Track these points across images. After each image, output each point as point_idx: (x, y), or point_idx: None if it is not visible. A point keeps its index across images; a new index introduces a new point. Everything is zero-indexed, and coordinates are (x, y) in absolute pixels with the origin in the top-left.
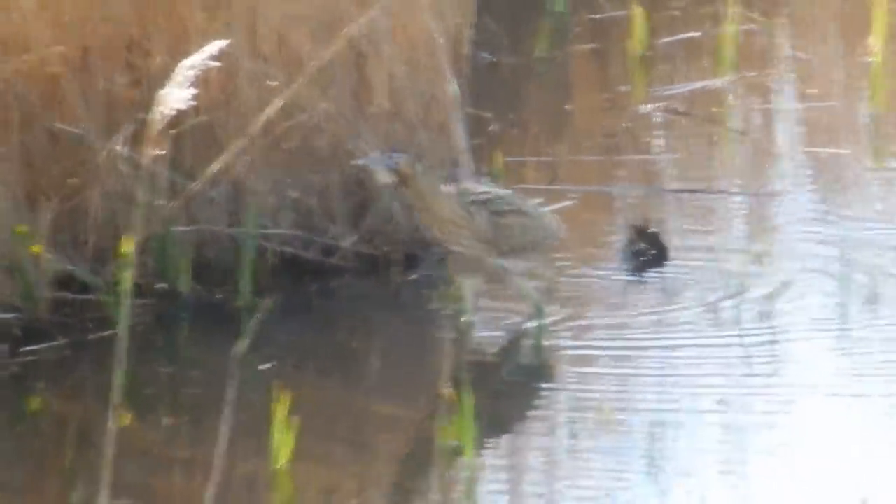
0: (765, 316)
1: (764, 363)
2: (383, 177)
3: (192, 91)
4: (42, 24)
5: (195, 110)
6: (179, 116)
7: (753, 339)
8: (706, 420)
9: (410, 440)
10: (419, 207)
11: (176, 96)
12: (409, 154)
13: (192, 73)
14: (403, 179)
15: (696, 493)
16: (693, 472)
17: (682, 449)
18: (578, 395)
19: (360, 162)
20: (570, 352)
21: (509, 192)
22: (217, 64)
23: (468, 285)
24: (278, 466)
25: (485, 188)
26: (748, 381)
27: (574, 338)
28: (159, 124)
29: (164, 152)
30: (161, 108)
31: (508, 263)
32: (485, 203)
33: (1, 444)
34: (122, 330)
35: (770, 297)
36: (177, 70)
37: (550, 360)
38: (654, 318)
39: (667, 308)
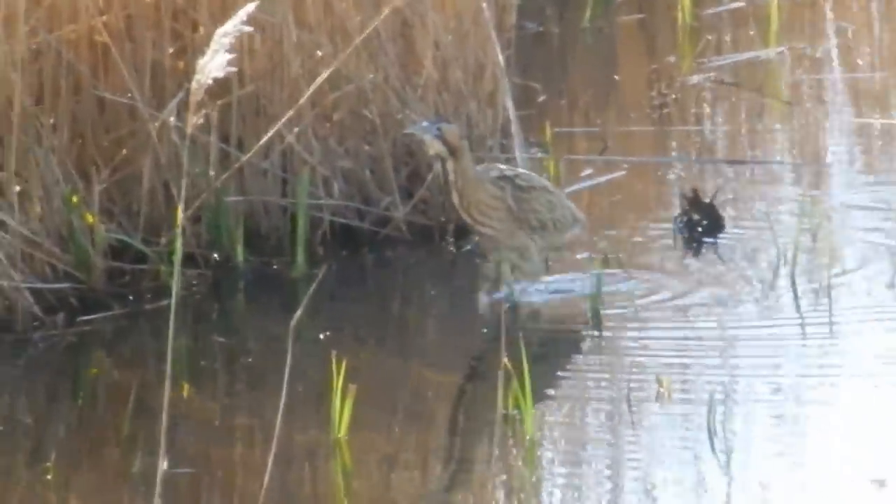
0: (820, 291)
1: (820, 342)
2: (433, 146)
3: (229, 57)
4: None
5: (242, 81)
6: (226, 86)
7: (810, 316)
8: (766, 397)
9: (468, 409)
10: (457, 186)
11: (214, 64)
12: (455, 125)
13: (227, 39)
14: (452, 150)
15: (752, 469)
16: (749, 448)
17: (739, 424)
18: (636, 366)
19: (409, 131)
20: (627, 323)
21: (530, 171)
22: (249, 29)
23: (501, 266)
24: (337, 436)
25: (506, 166)
26: (804, 360)
27: (630, 309)
28: (199, 93)
29: (202, 121)
30: (199, 77)
31: (534, 240)
32: (510, 179)
33: (59, 414)
34: (174, 300)
35: (824, 270)
36: (213, 38)
37: (608, 331)
38: (710, 288)
39: (723, 281)
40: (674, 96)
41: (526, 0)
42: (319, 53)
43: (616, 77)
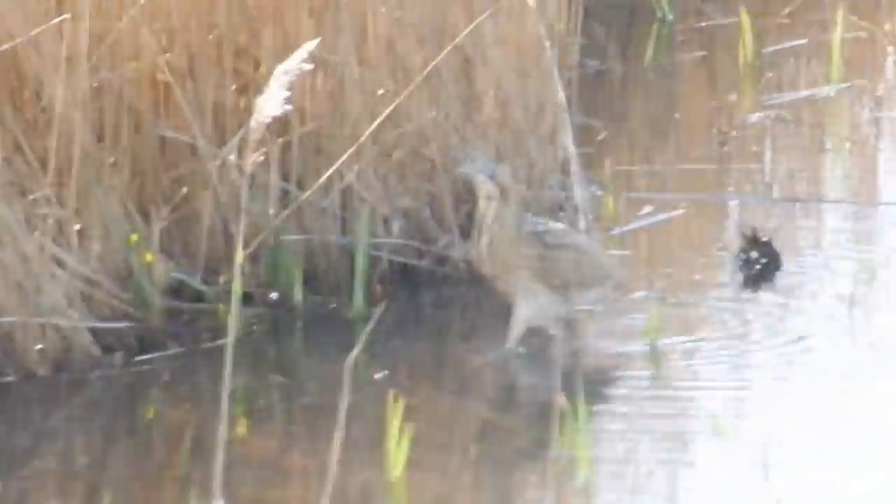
0: (877, 331)
1: (877, 383)
2: (485, 188)
3: (287, 95)
4: (150, 32)
5: (302, 119)
6: (286, 124)
7: (867, 357)
8: (823, 436)
9: (524, 450)
10: (494, 230)
11: (273, 102)
12: (509, 166)
13: (287, 77)
14: (503, 193)
15: None
16: (803, 488)
17: (795, 461)
18: (692, 405)
19: (464, 170)
20: (683, 362)
21: (564, 226)
22: (310, 66)
23: (524, 314)
24: (393, 476)
25: (540, 220)
26: (867, 400)
27: (688, 348)
28: (258, 131)
29: (262, 159)
30: (258, 115)
31: (549, 302)
32: (540, 235)
33: (116, 453)
34: (231, 339)
35: (882, 310)
36: (273, 76)
37: (664, 371)
38: (770, 329)
39: (781, 320)
40: (734, 134)
41: (588, 38)
42: (380, 91)
43: (677, 115)
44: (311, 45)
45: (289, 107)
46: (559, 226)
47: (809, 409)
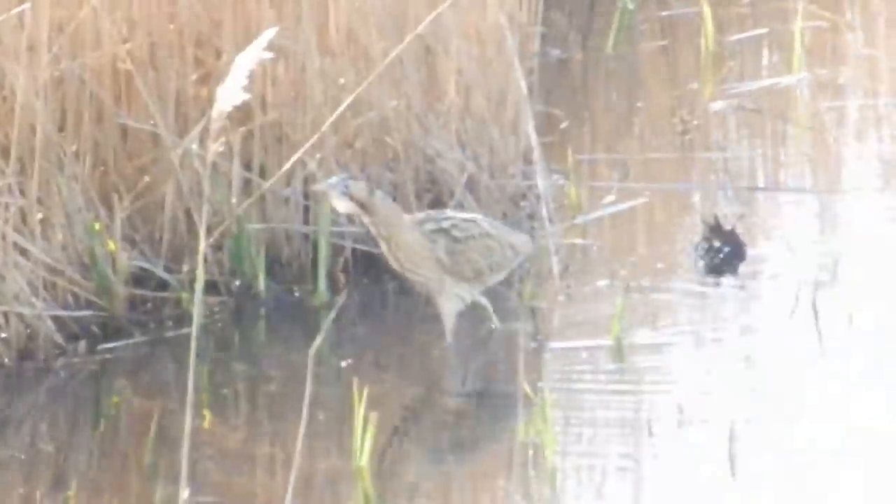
0: (841, 318)
1: (840, 369)
2: (341, 204)
3: (246, 84)
4: (111, 21)
5: (264, 108)
6: (248, 113)
7: (830, 344)
8: (788, 425)
9: (490, 438)
10: (382, 236)
11: (233, 92)
12: (362, 180)
13: (246, 67)
14: (362, 206)
15: (772, 497)
16: (769, 476)
17: (760, 451)
18: (656, 394)
19: (318, 188)
20: (647, 351)
21: (476, 215)
22: (270, 55)
23: (448, 309)
24: (359, 464)
25: (449, 214)
26: (825, 387)
27: (652, 337)
28: (219, 121)
29: (223, 148)
30: (218, 105)
31: (463, 289)
32: (446, 231)
33: (81, 442)
34: (195, 327)
35: (845, 297)
36: (233, 65)
37: (628, 360)
38: (733, 318)
39: (744, 308)
40: (696, 123)
41: (549, 27)
42: (342, 80)
43: (639, 104)
44: (270, 34)
45: (248, 96)
46: (462, 216)
47: (774, 399)
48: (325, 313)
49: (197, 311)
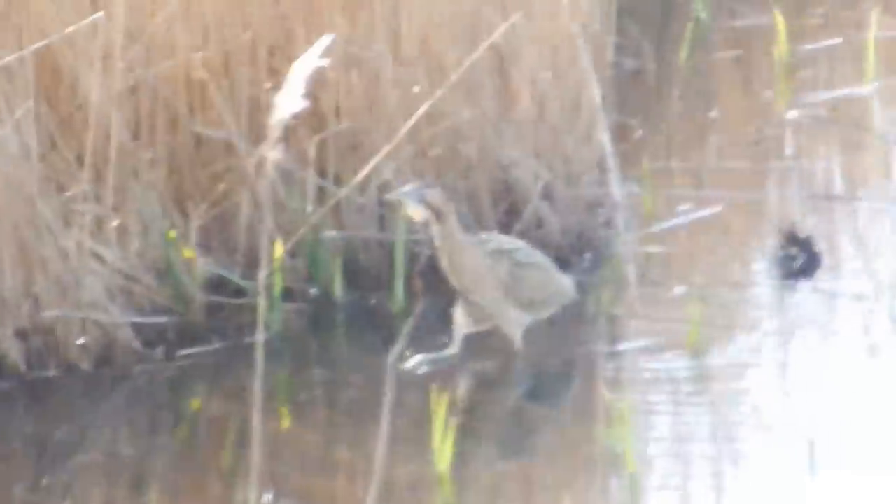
0: None
1: None
2: (417, 212)
3: (305, 91)
4: (185, 30)
5: (338, 116)
6: (323, 121)
7: None
8: (867, 431)
9: (570, 444)
10: (447, 249)
11: (292, 99)
12: (439, 189)
13: (305, 73)
14: (436, 215)
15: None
16: (850, 481)
17: (841, 455)
18: (734, 401)
19: (393, 197)
20: (724, 358)
21: (527, 245)
22: (326, 62)
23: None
24: (440, 470)
25: (507, 238)
26: None
27: (728, 345)
28: (277, 129)
29: (281, 156)
30: (277, 112)
31: (518, 315)
32: (508, 253)
33: (160, 447)
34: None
35: None
36: (291, 72)
37: (706, 367)
38: (809, 325)
39: (821, 316)
40: (771, 132)
41: (623, 38)
42: (416, 89)
43: (713, 113)
44: (327, 41)
45: (307, 103)
46: (522, 244)
47: (855, 404)
48: (401, 319)
49: (275, 318)
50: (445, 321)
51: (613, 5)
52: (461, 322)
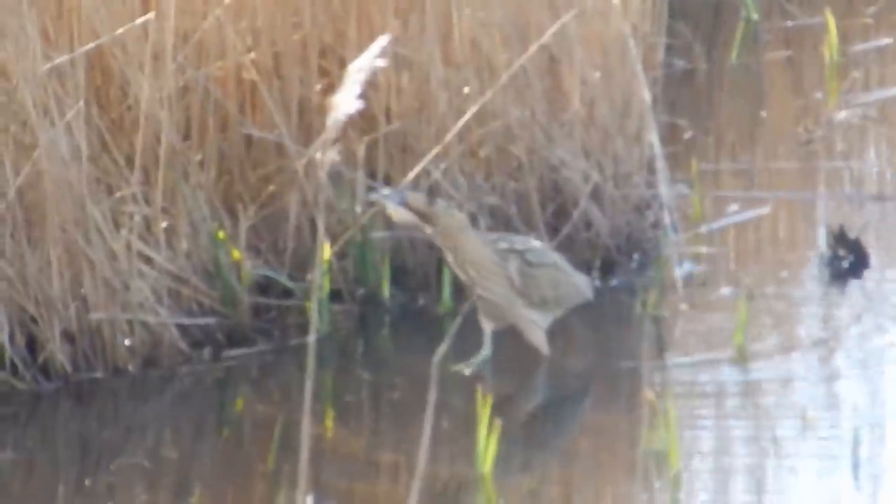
0: None
1: None
2: (398, 214)
3: (361, 92)
4: (236, 31)
5: (388, 117)
6: (373, 122)
7: None
8: None
9: (613, 446)
10: (447, 246)
11: (348, 100)
12: (420, 192)
13: (361, 75)
14: (422, 217)
15: None
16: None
17: (885, 459)
18: (781, 401)
19: (373, 198)
20: (771, 359)
21: (544, 244)
22: (383, 63)
23: (530, 320)
24: (483, 471)
25: (521, 238)
26: None
27: (776, 345)
28: (332, 130)
29: (337, 158)
30: (333, 113)
31: (533, 315)
32: (520, 252)
33: (205, 449)
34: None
35: None
36: (347, 74)
37: (752, 367)
38: (858, 326)
39: (869, 316)
40: (820, 132)
41: (673, 38)
42: (466, 90)
43: (763, 113)
44: (383, 41)
45: (362, 104)
46: (535, 243)
47: None
48: (449, 321)
49: (323, 319)
50: None
51: (664, 6)
52: (483, 321)
